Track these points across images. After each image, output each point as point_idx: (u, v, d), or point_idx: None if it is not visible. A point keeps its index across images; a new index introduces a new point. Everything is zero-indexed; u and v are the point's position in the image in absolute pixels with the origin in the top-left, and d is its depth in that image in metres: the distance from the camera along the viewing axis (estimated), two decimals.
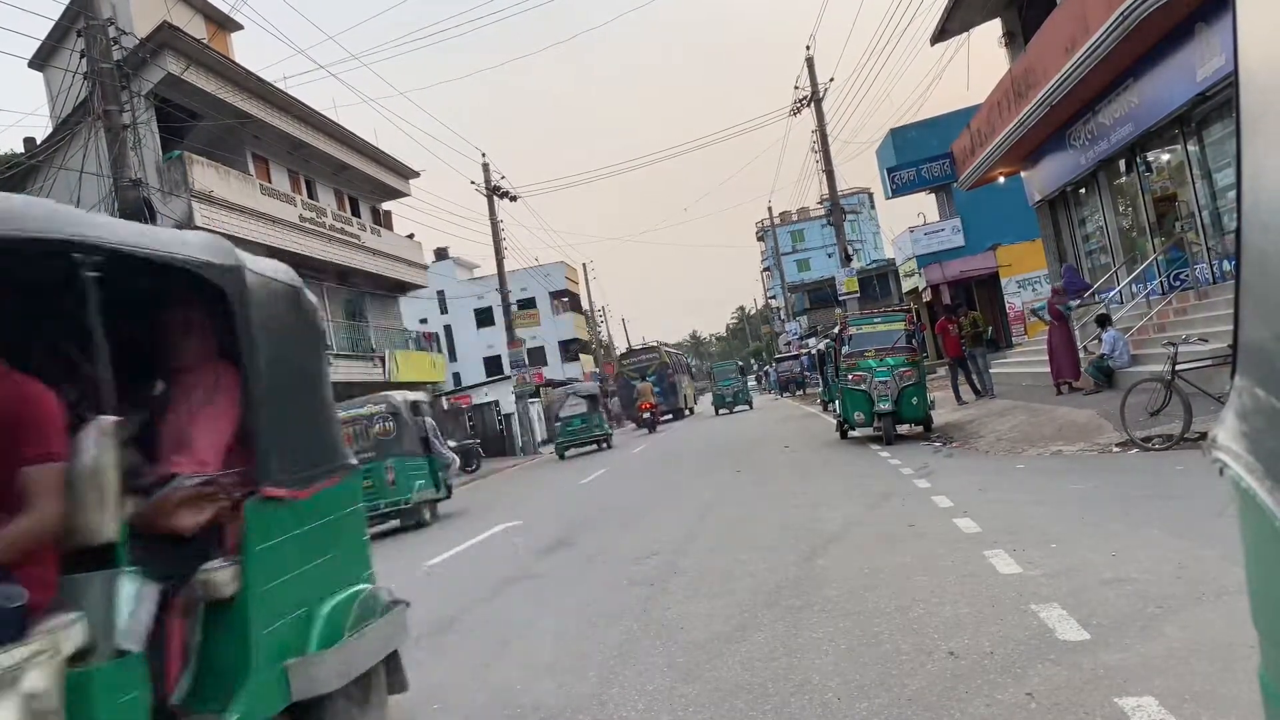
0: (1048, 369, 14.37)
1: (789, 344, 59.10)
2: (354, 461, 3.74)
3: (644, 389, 34.53)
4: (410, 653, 5.31)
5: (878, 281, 46.50)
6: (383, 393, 14.52)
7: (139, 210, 14.53)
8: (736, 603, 5.21)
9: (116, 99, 14.63)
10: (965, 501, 7.39)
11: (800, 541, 6.75)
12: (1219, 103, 11.48)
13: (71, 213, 2.44)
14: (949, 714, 3.15)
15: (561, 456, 26.46)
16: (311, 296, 3.67)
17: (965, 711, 3.15)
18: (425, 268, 32.89)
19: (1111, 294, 15.66)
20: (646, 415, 33.05)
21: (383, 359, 26.76)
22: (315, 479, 3.26)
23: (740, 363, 31.16)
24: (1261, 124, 1.00)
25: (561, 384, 40.80)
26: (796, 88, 28.40)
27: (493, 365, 55.85)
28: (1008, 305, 29.49)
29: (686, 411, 43.60)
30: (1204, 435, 7.60)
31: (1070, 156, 16.54)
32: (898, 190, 28.04)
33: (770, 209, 66.31)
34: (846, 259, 28.46)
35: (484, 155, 32.57)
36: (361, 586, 3.45)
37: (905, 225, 34.16)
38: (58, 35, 19.44)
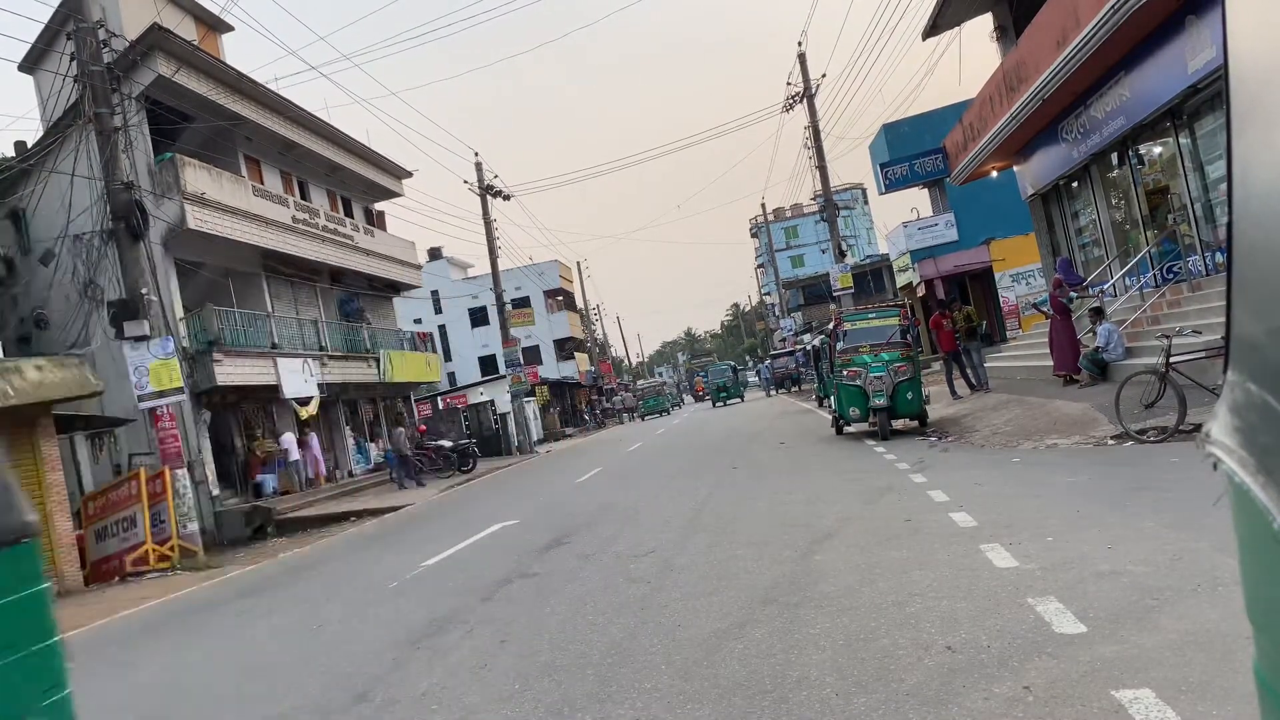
0: (1042, 363, 14.40)
1: (784, 340, 59.21)
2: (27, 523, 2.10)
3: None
4: (408, 653, 5.31)
5: (872, 277, 46.55)
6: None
7: (130, 212, 14.49)
8: (734, 599, 5.22)
9: (107, 101, 14.58)
10: (961, 496, 7.40)
11: (797, 537, 6.76)
12: (1210, 95, 11.50)
13: None
14: (946, 708, 3.16)
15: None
16: None
17: (963, 705, 3.15)
18: (419, 268, 32.82)
19: (1105, 287, 15.70)
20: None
21: (377, 359, 26.72)
22: None
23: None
24: (1251, 119, 1.00)
25: (557, 382, 52.87)
26: (789, 84, 28.43)
27: (488, 364, 55.84)
28: (1002, 299, 29.54)
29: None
30: (1198, 427, 7.64)
31: (1062, 150, 16.56)
32: (891, 185, 28.04)
33: (764, 205, 66.25)
34: (840, 254, 28.48)
35: (476, 154, 32.60)
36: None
37: (899, 220, 34.18)
38: (47, 38, 19.36)
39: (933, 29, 19.40)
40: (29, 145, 20.76)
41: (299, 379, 21.51)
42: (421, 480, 22.68)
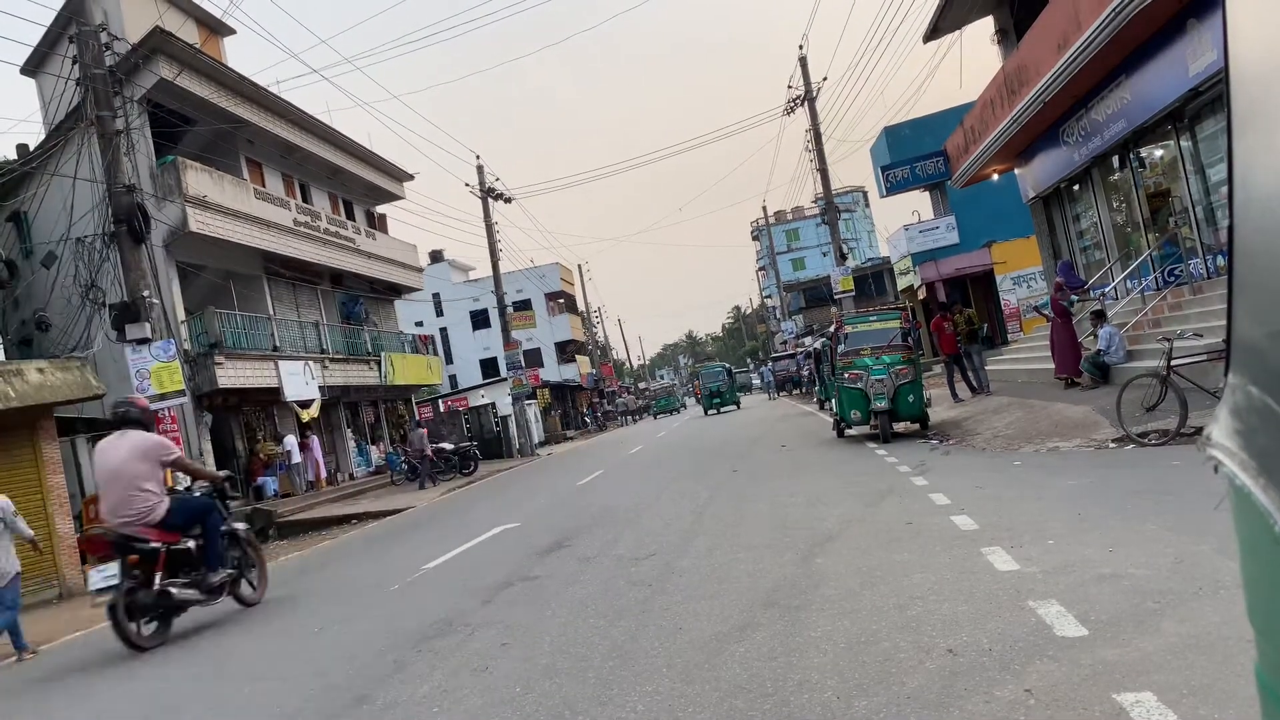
0: (1043, 365, 14.40)
1: (785, 343, 59.22)
2: None
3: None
4: (409, 655, 5.31)
5: (873, 280, 46.61)
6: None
7: (132, 215, 14.50)
8: (735, 602, 5.21)
9: (109, 104, 14.60)
10: (962, 499, 7.39)
11: (798, 540, 6.75)
12: (1211, 98, 11.51)
13: None
14: (948, 711, 3.15)
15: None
16: None
17: (964, 709, 3.15)
18: (420, 270, 32.86)
19: (1106, 289, 15.70)
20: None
21: (379, 362, 26.74)
22: None
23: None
24: (1252, 122, 1.00)
25: (558, 385, 53.70)
26: (790, 87, 28.45)
27: (489, 367, 55.88)
28: (1003, 302, 29.53)
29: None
30: (1200, 430, 7.61)
31: (1064, 153, 16.57)
32: (892, 188, 28.04)
33: (765, 208, 66.29)
34: (841, 257, 28.48)
35: (478, 157, 32.61)
36: None
37: (900, 223, 34.19)
38: (50, 41, 19.41)
39: (934, 32, 19.41)
40: (31, 148, 20.80)
41: (300, 381, 21.52)
42: (424, 483, 22.72)
